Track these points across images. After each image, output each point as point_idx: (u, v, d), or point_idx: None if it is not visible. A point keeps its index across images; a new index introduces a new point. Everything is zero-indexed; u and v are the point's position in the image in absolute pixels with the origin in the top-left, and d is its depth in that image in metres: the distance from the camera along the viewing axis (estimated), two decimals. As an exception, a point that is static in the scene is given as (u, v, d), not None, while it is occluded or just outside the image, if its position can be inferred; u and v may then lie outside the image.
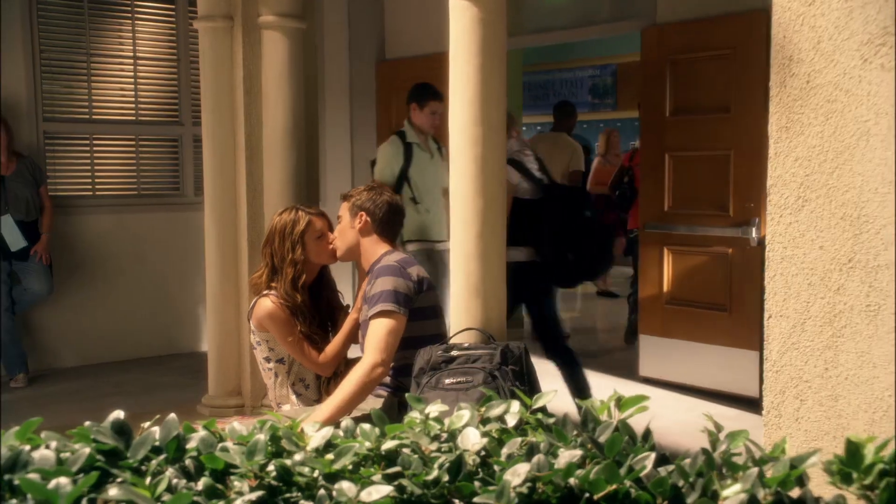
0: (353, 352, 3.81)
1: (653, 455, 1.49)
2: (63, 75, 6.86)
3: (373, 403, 3.40)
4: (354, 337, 3.73)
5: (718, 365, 5.86)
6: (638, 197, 6.78)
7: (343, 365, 3.79)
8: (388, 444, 1.62)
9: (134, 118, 7.17)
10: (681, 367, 6.08)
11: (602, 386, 4.86)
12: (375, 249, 3.60)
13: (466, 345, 3.22)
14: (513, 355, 3.17)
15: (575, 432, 1.69)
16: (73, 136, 6.96)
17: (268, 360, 3.76)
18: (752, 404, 5.58)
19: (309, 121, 4.37)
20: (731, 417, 5.47)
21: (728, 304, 5.82)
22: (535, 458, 1.50)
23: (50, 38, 6.74)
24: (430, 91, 5.66)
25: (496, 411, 1.75)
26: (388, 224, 3.62)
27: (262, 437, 1.59)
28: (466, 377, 3.11)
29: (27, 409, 5.39)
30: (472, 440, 1.61)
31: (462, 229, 3.25)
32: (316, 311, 3.78)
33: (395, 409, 3.43)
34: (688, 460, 1.51)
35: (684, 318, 6.04)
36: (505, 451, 1.59)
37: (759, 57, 5.51)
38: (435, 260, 5.54)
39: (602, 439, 1.63)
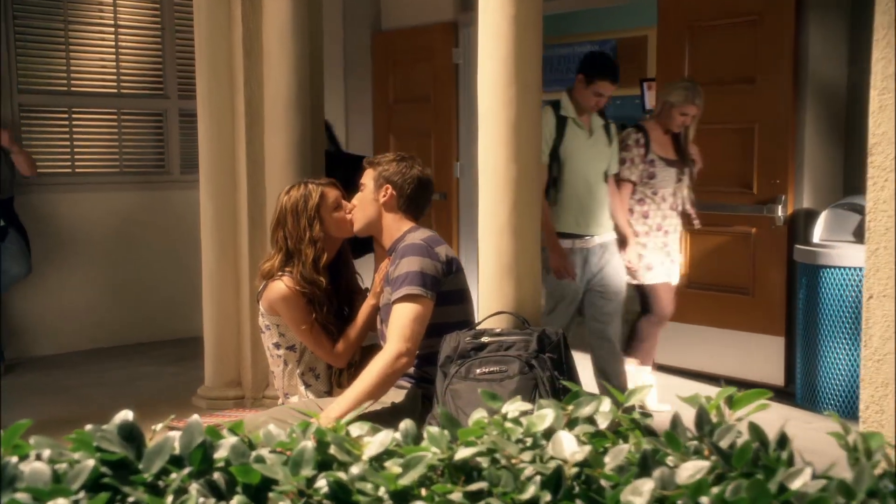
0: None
1: (809, 470, 1.20)
2: (39, 44, 6.52)
3: (394, 396, 3.12)
4: (372, 324, 3.45)
5: (740, 352, 5.62)
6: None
7: (358, 355, 3.51)
8: (463, 453, 1.33)
9: (115, 91, 6.85)
10: (699, 354, 5.83)
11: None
12: (399, 226, 3.31)
13: (498, 330, 2.93)
14: (550, 342, 2.90)
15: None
16: (50, 109, 6.64)
17: (277, 346, 3.47)
18: (777, 393, 5.35)
19: (314, 84, 4.04)
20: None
21: (751, 287, 5.59)
22: (658, 473, 1.21)
23: (24, 4, 6.40)
24: (605, 68, 4.74)
25: (586, 410, 1.46)
26: (414, 201, 3.32)
27: (308, 444, 1.29)
28: (500, 366, 2.83)
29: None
30: (569, 447, 1.32)
31: (493, 201, 2.96)
32: (334, 295, 3.49)
33: (418, 402, 3.15)
34: (846, 475, 1.23)
35: (704, 303, 5.79)
36: (609, 460, 1.30)
37: (787, 23, 5.25)
38: (591, 261, 4.82)
39: (724, 445, 1.34)
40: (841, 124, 5.47)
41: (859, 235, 4.98)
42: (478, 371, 2.84)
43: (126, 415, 1.43)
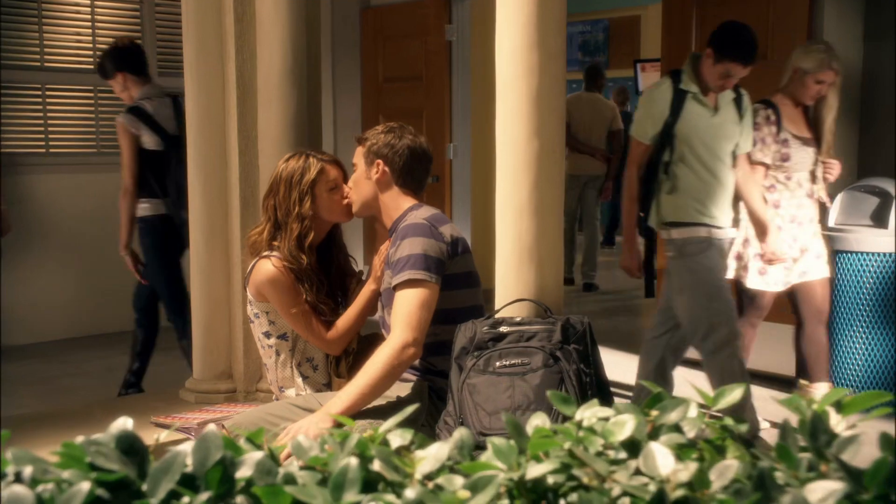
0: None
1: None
2: (10, 16, 6.25)
3: (397, 389, 2.90)
4: (371, 310, 3.22)
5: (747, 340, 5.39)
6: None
7: (355, 342, 3.29)
8: (536, 470, 1.10)
9: (92, 67, 6.47)
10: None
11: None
12: (398, 204, 3.08)
13: (518, 319, 2.72)
14: (575, 332, 2.69)
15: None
16: (23, 85, 6.38)
17: (267, 335, 3.25)
18: (788, 384, 5.19)
19: (312, 52, 3.78)
20: (766, 399, 5.06)
21: (762, 274, 5.37)
22: (789, 498, 0.99)
23: (-5, -25, 6.14)
24: (739, 47, 4.12)
25: (672, 416, 1.24)
26: (409, 173, 3.07)
27: (352, 461, 1.07)
28: (522, 358, 2.62)
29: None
30: (665, 463, 1.10)
31: (513, 178, 2.74)
32: (325, 277, 3.27)
33: (425, 396, 2.93)
34: None
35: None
36: (715, 478, 1.08)
37: (801, -3, 5.06)
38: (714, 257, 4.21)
39: (847, 459, 1.13)
40: (856, 103, 5.29)
41: (878, 219, 4.81)
42: (497, 364, 2.62)
43: (125, 423, 1.20)
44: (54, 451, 1.12)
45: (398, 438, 1.25)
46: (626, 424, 1.22)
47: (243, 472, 1.08)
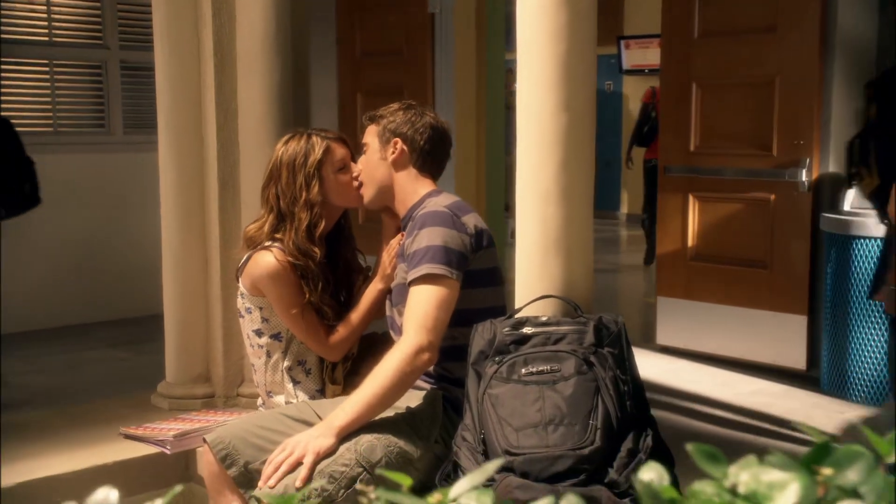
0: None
1: None
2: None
3: (408, 399, 2.59)
4: (377, 312, 2.95)
5: (756, 332, 5.18)
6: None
7: (355, 347, 2.98)
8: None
9: (47, 39, 6.21)
10: (708, 335, 5.39)
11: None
12: (415, 188, 2.78)
13: (544, 319, 2.40)
14: (609, 333, 2.38)
15: None
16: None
17: (259, 333, 2.92)
18: (799, 378, 4.97)
19: (297, 15, 3.41)
20: (776, 394, 4.83)
21: (769, 259, 5.14)
22: None
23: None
24: None
25: (851, 475, 0.92)
26: (431, 154, 2.79)
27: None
28: (551, 364, 2.31)
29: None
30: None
31: (536, 158, 2.42)
32: (331, 275, 2.96)
33: (439, 407, 2.62)
34: None
35: (713, 277, 5.35)
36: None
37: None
38: None
39: None
40: (871, 79, 5.03)
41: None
42: (523, 371, 2.30)
43: (106, 497, 0.87)
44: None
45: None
46: (788, 488, 0.91)
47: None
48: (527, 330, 2.38)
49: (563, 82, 2.38)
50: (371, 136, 2.82)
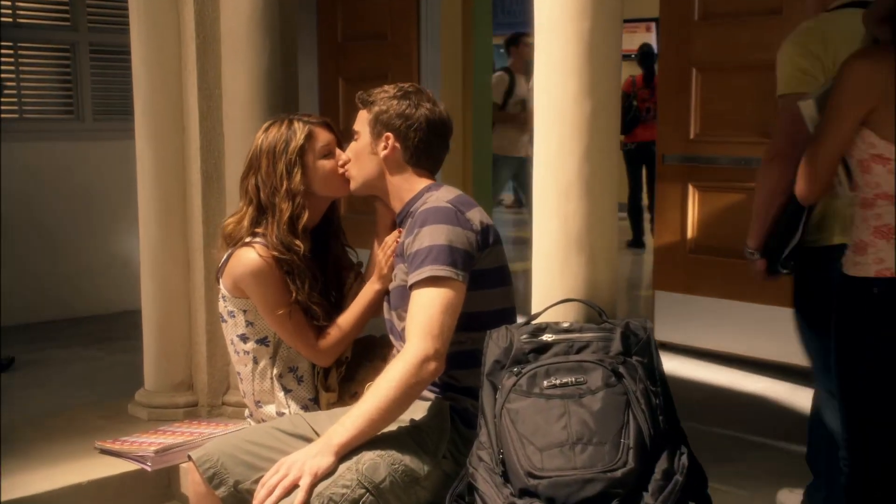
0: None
1: None
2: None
3: (412, 411, 2.39)
4: (372, 313, 2.76)
5: (757, 327, 5.03)
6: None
7: (349, 350, 2.79)
8: None
9: (11, 21, 5.97)
10: (708, 330, 5.27)
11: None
12: (410, 185, 2.59)
13: (565, 325, 2.20)
14: (637, 340, 2.20)
15: None
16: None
17: (244, 338, 2.72)
18: (803, 376, 4.81)
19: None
20: (780, 393, 4.69)
21: (772, 252, 4.99)
22: None
23: None
24: None
25: None
26: (426, 151, 2.59)
27: None
28: (576, 376, 2.11)
29: None
30: None
31: (557, 148, 2.22)
32: (319, 272, 2.77)
33: (446, 418, 2.43)
34: None
35: (713, 270, 5.22)
36: None
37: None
38: None
39: None
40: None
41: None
42: (545, 383, 2.10)
43: None
44: None
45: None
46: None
47: None
48: (547, 337, 2.18)
49: (586, 64, 2.17)
50: (362, 123, 2.62)
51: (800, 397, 4.57)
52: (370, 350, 2.85)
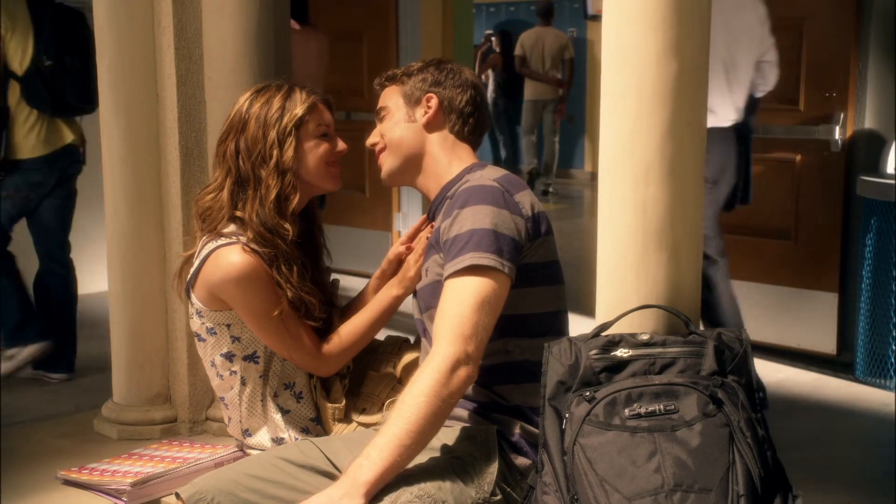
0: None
1: None
2: None
3: (450, 438, 2.03)
4: (385, 321, 2.43)
5: (779, 312, 4.78)
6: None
7: (350, 362, 2.42)
8: None
9: None
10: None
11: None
12: (450, 160, 2.25)
13: (644, 337, 1.83)
14: (732, 355, 1.84)
15: None
16: None
17: (229, 357, 2.33)
18: (828, 364, 4.56)
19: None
20: (805, 384, 4.40)
21: (794, 230, 4.74)
22: None
23: None
24: None
25: None
26: (473, 119, 2.27)
27: None
28: (664, 403, 1.74)
29: None
30: None
31: (633, 119, 1.84)
32: (308, 261, 2.41)
33: (493, 445, 2.04)
34: None
35: (730, 250, 4.85)
36: None
37: None
38: None
39: None
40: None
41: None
42: (626, 412, 1.73)
43: None
44: None
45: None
46: None
47: None
48: (622, 352, 1.81)
49: (672, 18, 1.79)
50: (390, 97, 2.29)
51: (825, 386, 4.31)
52: (374, 358, 2.48)
